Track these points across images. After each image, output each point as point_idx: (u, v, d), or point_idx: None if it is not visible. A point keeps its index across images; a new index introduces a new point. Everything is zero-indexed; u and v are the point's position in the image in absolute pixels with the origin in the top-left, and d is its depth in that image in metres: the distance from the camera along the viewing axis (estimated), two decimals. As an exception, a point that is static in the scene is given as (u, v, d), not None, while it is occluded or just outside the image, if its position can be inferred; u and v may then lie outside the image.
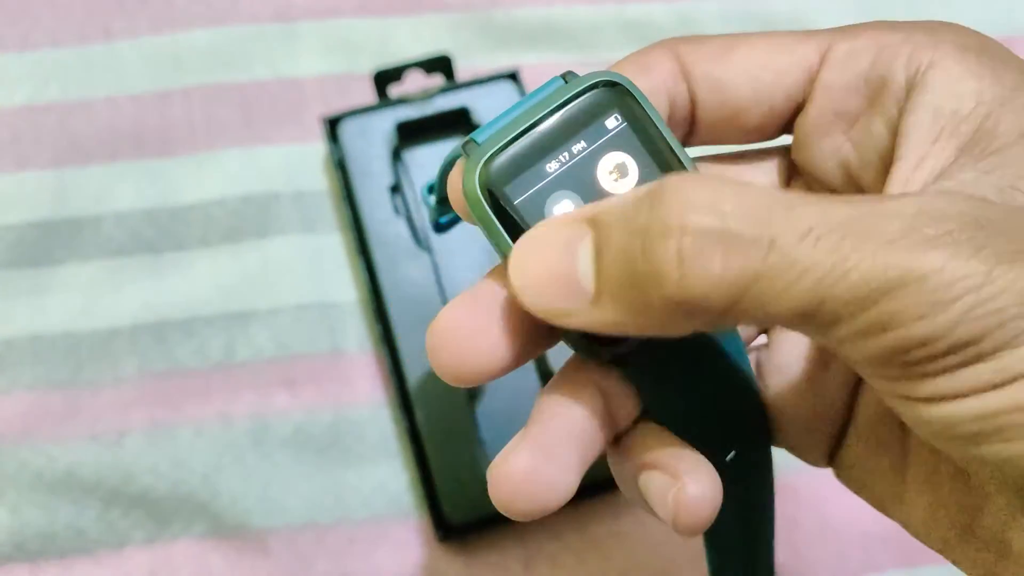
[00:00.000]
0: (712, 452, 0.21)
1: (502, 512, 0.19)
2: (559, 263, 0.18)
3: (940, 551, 0.21)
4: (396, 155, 0.37)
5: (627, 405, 0.20)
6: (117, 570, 0.33)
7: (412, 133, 0.37)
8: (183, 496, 0.34)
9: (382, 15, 0.41)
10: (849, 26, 0.21)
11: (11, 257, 0.36)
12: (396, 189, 0.36)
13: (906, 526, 0.22)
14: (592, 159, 0.19)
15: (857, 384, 0.22)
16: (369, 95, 0.39)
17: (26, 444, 0.34)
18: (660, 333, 0.17)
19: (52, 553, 0.33)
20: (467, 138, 0.20)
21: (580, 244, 0.18)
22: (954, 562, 0.21)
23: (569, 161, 0.19)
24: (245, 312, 0.36)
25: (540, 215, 0.19)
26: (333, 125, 0.37)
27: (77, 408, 0.34)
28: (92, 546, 0.33)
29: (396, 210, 0.36)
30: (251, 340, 0.35)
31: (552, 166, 0.19)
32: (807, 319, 0.16)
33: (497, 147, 0.19)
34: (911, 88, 0.20)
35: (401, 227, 0.36)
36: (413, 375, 0.34)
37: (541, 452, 0.19)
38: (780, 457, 0.34)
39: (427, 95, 0.37)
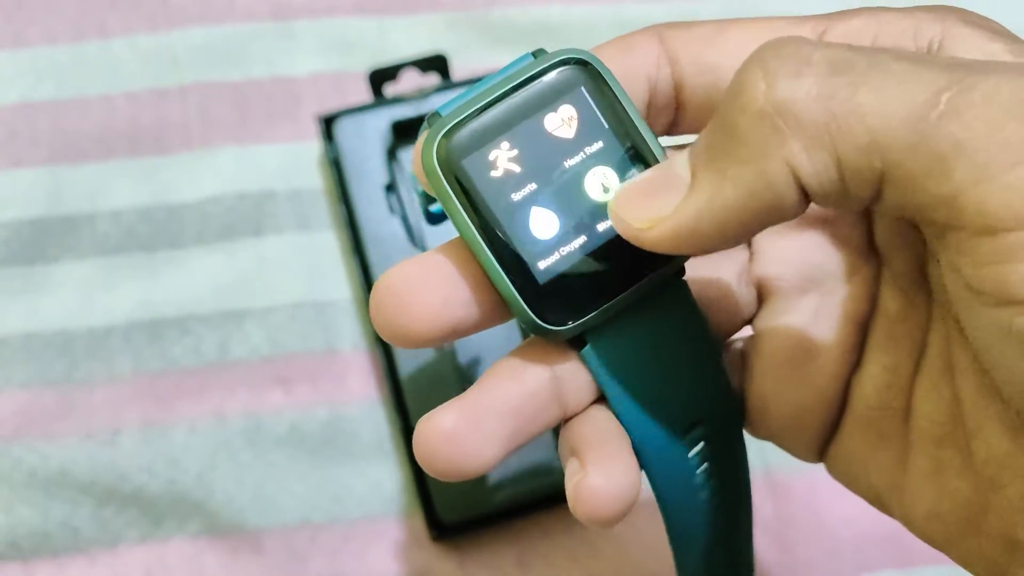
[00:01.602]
0: (672, 443, 0.21)
1: (422, 468, 0.19)
2: (658, 172, 0.18)
3: (942, 548, 0.21)
4: (391, 154, 0.37)
5: (581, 388, 0.20)
6: (111, 569, 0.33)
7: (408, 132, 0.37)
8: (177, 495, 0.33)
9: (378, 14, 0.41)
10: (843, 11, 0.21)
11: (5, 255, 0.36)
12: (391, 188, 0.36)
13: (906, 522, 0.21)
14: None
15: (850, 375, 0.22)
16: (365, 94, 0.39)
17: (20, 442, 0.34)
18: (755, 198, 0.17)
19: (46, 552, 0.33)
20: (432, 111, 0.20)
21: (680, 153, 0.18)
22: (957, 559, 0.20)
23: (530, 137, 0.19)
24: (240, 310, 0.36)
25: (496, 189, 0.19)
26: (328, 124, 0.37)
27: (71, 406, 0.34)
28: (86, 545, 0.33)
29: (391, 209, 0.36)
30: (246, 338, 0.35)
31: None
32: (915, 145, 0.16)
33: (458, 120, 0.19)
34: None
35: (396, 226, 0.36)
36: (407, 374, 0.34)
37: (469, 418, 0.19)
38: (775, 455, 0.34)
39: (423, 94, 0.37)
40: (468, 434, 0.19)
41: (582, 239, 0.19)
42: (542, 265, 0.19)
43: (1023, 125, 0.15)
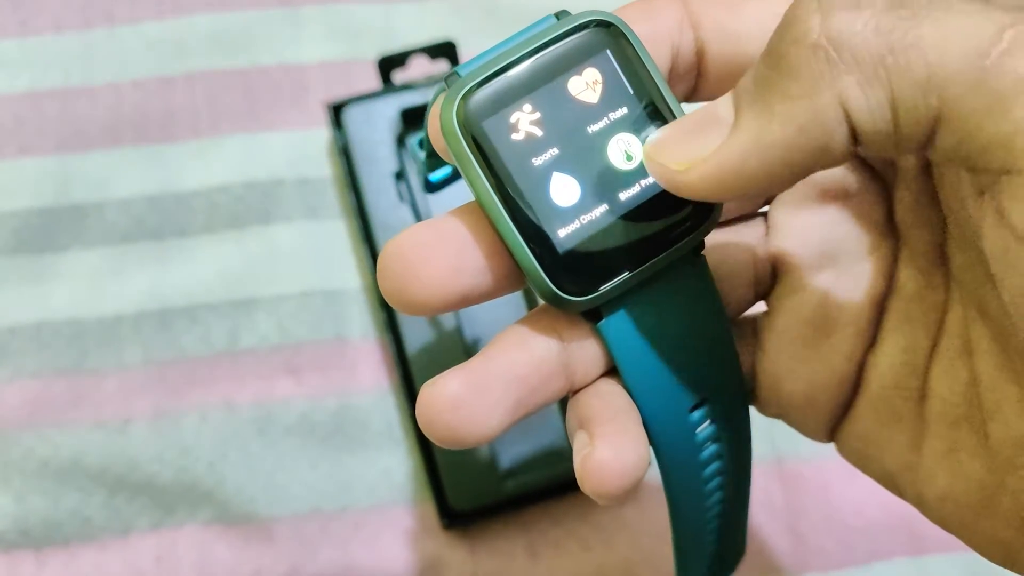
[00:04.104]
0: (681, 418, 0.20)
1: (424, 434, 0.19)
2: (697, 115, 0.18)
3: (955, 531, 0.20)
4: (400, 142, 0.37)
5: (592, 361, 0.20)
6: (122, 557, 0.33)
7: (417, 119, 0.37)
8: (188, 483, 0.34)
9: (386, 0, 0.40)
10: None
11: (15, 244, 0.36)
12: (400, 176, 0.36)
13: (919, 505, 0.21)
14: None
15: (865, 353, 0.21)
16: (373, 81, 0.38)
17: (31, 431, 0.34)
18: (802, 134, 0.16)
19: (57, 540, 0.33)
20: (451, 71, 0.19)
21: (720, 98, 0.17)
22: (970, 542, 0.20)
23: (553, 99, 0.19)
24: (249, 299, 0.36)
25: (517, 153, 0.18)
26: (337, 111, 0.37)
27: (82, 395, 0.34)
28: (97, 533, 0.33)
29: (400, 197, 0.36)
30: (255, 327, 0.35)
31: None
32: (976, 83, 0.15)
33: (478, 80, 0.18)
34: None
35: (405, 213, 0.36)
36: (417, 362, 0.34)
37: (474, 385, 0.18)
38: (787, 444, 0.34)
39: (432, 81, 0.37)
40: (472, 401, 0.18)
41: (604, 207, 0.19)
42: (562, 233, 0.18)
43: None
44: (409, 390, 0.34)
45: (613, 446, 0.19)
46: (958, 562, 0.33)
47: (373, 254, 0.35)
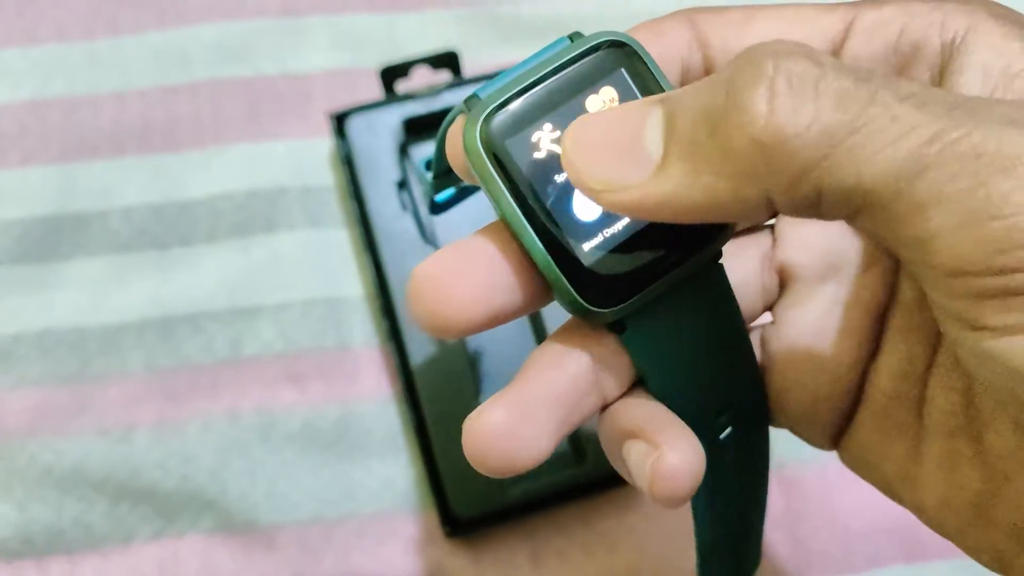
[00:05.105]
0: (705, 425, 0.21)
1: (474, 467, 0.19)
2: (623, 129, 0.17)
3: (952, 538, 0.21)
4: (403, 151, 0.37)
5: (619, 374, 0.20)
6: (125, 566, 0.33)
7: (419, 129, 0.37)
8: (191, 491, 0.34)
9: (389, 10, 0.41)
10: None
11: (18, 252, 0.36)
12: (403, 185, 0.36)
13: (917, 512, 0.21)
14: None
15: (868, 363, 0.22)
16: (376, 91, 0.39)
17: (33, 439, 0.34)
18: (721, 207, 0.17)
19: (60, 548, 0.33)
20: (470, 94, 0.19)
21: (649, 113, 0.17)
22: (966, 549, 0.21)
23: (572, 119, 0.19)
24: (252, 307, 0.36)
25: (540, 171, 0.19)
26: (340, 121, 0.37)
27: (85, 403, 0.34)
28: (100, 541, 0.33)
29: (403, 206, 0.36)
30: (258, 335, 0.35)
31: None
32: (900, 192, 0.16)
33: (499, 102, 0.19)
34: (951, 52, 0.19)
35: (408, 223, 0.36)
36: (420, 370, 0.34)
37: (518, 411, 0.19)
38: (787, 450, 0.34)
39: (434, 91, 0.37)
40: (520, 427, 0.19)
41: (625, 221, 0.19)
42: (587, 247, 0.19)
43: (1007, 179, 0.15)
44: (412, 398, 0.34)
45: (680, 451, 0.19)
46: (957, 568, 0.33)
47: (376, 263, 0.36)
